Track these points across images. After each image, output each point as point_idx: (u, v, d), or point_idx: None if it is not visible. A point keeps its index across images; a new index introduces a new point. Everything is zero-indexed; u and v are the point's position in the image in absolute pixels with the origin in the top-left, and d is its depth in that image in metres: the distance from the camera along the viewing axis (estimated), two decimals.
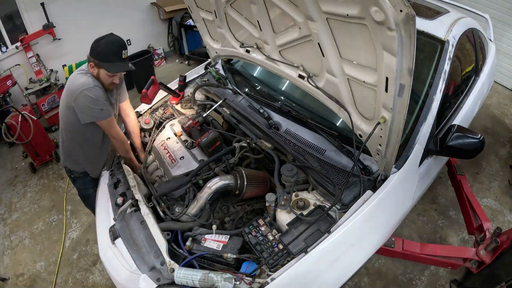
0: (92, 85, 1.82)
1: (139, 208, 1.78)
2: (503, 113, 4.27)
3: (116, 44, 1.81)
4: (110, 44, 1.80)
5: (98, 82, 1.88)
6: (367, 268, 2.57)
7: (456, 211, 2.95)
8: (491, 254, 1.96)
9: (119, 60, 1.82)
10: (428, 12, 2.42)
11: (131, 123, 2.26)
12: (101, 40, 1.81)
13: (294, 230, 1.53)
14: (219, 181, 1.85)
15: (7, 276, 2.77)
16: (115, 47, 1.80)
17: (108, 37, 1.82)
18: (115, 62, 1.82)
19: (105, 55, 1.80)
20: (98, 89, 1.85)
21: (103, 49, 1.79)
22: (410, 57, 1.11)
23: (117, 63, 1.83)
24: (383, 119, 1.42)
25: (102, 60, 1.81)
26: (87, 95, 1.80)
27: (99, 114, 1.87)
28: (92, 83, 1.83)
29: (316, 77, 1.76)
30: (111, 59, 1.81)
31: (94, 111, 1.84)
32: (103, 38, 1.81)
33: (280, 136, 2.02)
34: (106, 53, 1.79)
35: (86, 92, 1.80)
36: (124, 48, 1.82)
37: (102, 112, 1.87)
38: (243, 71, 2.66)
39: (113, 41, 1.81)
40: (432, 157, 1.96)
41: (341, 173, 1.76)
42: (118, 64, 1.83)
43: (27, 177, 3.78)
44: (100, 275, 2.71)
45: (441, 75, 1.94)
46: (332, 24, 1.36)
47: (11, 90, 4.11)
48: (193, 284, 1.42)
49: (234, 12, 1.97)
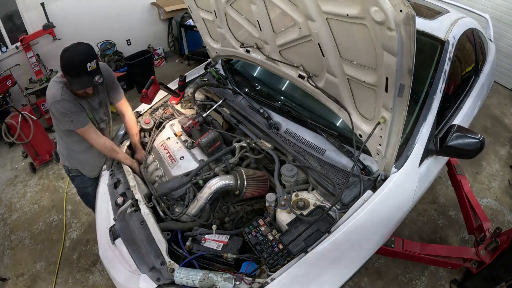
0: (59, 99, 1.78)
1: (139, 208, 1.78)
2: (503, 113, 4.27)
3: (80, 56, 1.68)
4: (74, 56, 1.68)
5: (68, 94, 1.82)
6: (367, 268, 2.56)
7: (456, 211, 2.95)
8: (491, 254, 1.97)
9: (84, 74, 1.70)
10: (428, 12, 2.42)
11: (127, 122, 2.26)
12: (67, 51, 1.70)
13: (294, 230, 1.53)
14: (219, 181, 1.84)
15: (7, 276, 2.77)
16: (79, 60, 1.67)
17: (73, 48, 1.70)
18: (79, 76, 1.71)
19: (68, 68, 1.70)
20: (65, 102, 1.80)
21: (66, 61, 1.69)
22: (410, 57, 1.11)
23: (81, 78, 1.71)
24: (383, 119, 1.42)
25: (66, 73, 1.73)
26: (56, 108, 1.81)
27: (70, 125, 1.89)
28: (59, 96, 1.78)
29: (316, 77, 1.76)
30: (74, 73, 1.70)
31: (64, 122, 1.88)
32: (68, 49, 1.70)
33: (280, 136, 2.02)
34: (69, 66, 1.69)
35: (54, 104, 1.80)
36: (90, 59, 1.69)
37: (73, 124, 1.88)
38: (243, 71, 2.66)
39: (77, 53, 1.69)
40: (432, 157, 1.96)
41: (341, 173, 1.76)
42: (82, 79, 1.72)
43: (27, 177, 3.78)
44: (100, 275, 2.71)
45: (441, 75, 1.94)
46: (332, 24, 1.36)
47: (11, 90, 4.12)
48: (193, 284, 1.42)
49: (234, 12, 1.97)
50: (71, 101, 1.84)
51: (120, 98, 2.22)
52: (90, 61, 1.69)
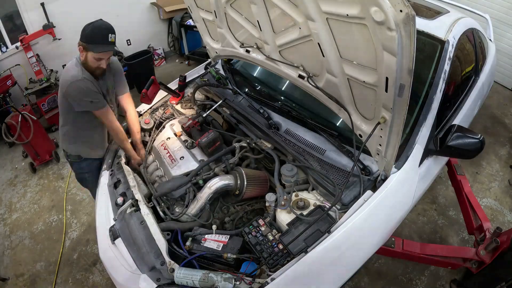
0: (80, 77, 1.88)
1: (139, 208, 1.78)
2: (503, 113, 4.27)
3: (103, 27, 1.85)
4: (98, 27, 1.84)
5: (87, 74, 1.92)
6: (367, 268, 2.56)
7: (456, 211, 2.95)
8: (491, 254, 1.97)
9: (105, 43, 1.85)
10: (428, 12, 2.42)
11: (129, 119, 2.29)
12: (90, 24, 1.85)
13: (294, 230, 1.53)
14: (219, 181, 1.85)
15: (7, 276, 2.77)
16: (102, 29, 1.84)
17: (97, 22, 1.86)
18: (101, 44, 1.85)
19: (92, 37, 1.84)
20: (86, 81, 1.90)
21: (91, 31, 1.83)
22: (410, 57, 1.10)
23: (103, 45, 1.86)
24: (383, 119, 1.42)
25: (89, 42, 1.84)
26: (78, 86, 1.88)
27: (89, 105, 1.95)
28: (81, 75, 1.88)
29: (316, 77, 1.76)
30: (97, 41, 1.84)
31: (84, 102, 1.93)
32: (92, 23, 1.86)
33: (280, 136, 2.02)
34: (93, 35, 1.84)
35: (76, 83, 1.87)
36: (111, 32, 1.86)
37: (93, 104, 1.95)
38: (243, 71, 2.66)
39: (101, 25, 1.86)
40: (432, 157, 1.96)
41: (341, 173, 1.76)
42: (104, 46, 1.86)
43: (27, 177, 3.78)
44: (100, 275, 2.71)
45: (441, 75, 1.94)
46: (332, 24, 1.36)
47: (11, 90, 4.12)
48: (193, 284, 1.41)
49: (234, 12, 1.97)
50: (92, 81, 1.93)
51: (125, 90, 2.29)
52: (111, 33, 1.85)
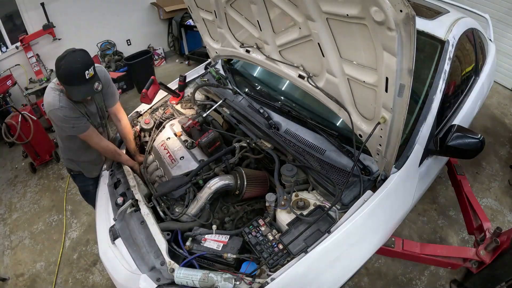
0: (58, 106, 1.75)
1: (139, 208, 1.78)
2: (503, 113, 4.27)
3: (77, 65, 1.61)
4: (70, 66, 1.61)
5: (65, 101, 1.78)
6: (367, 268, 2.57)
7: (456, 211, 2.95)
8: (491, 254, 1.96)
9: (82, 83, 1.64)
10: (428, 12, 2.42)
11: (122, 129, 2.20)
12: (62, 60, 1.63)
13: (294, 230, 1.53)
14: (219, 181, 1.85)
15: (7, 276, 2.77)
16: (76, 68, 1.61)
17: (68, 57, 1.63)
18: (77, 85, 1.66)
19: (66, 79, 1.64)
20: (64, 109, 1.77)
21: (63, 71, 1.63)
22: (410, 57, 1.11)
23: (80, 87, 1.66)
24: (383, 119, 1.42)
25: (64, 83, 1.67)
26: (56, 115, 1.78)
27: (71, 130, 1.87)
28: (58, 104, 1.75)
29: (316, 77, 1.75)
30: (73, 82, 1.64)
31: (66, 128, 1.86)
32: (63, 57, 1.64)
33: (280, 136, 2.02)
34: (67, 76, 1.63)
35: (54, 112, 1.77)
36: (87, 67, 1.63)
37: (74, 129, 1.86)
38: (243, 71, 2.66)
39: (73, 61, 1.61)
40: (432, 157, 1.96)
41: (341, 173, 1.76)
42: (81, 88, 1.67)
43: (27, 177, 3.78)
44: (100, 275, 2.71)
45: (441, 75, 1.94)
46: (332, 24, 1.36)
47: (11, 90, 4.12)
48: (193, 284, 1.41)
49: (234, 12, 1.97)
50: (70, 108, 1.80)
51: (113, 102, 2.13)
52: (87, 69, 1.64)
